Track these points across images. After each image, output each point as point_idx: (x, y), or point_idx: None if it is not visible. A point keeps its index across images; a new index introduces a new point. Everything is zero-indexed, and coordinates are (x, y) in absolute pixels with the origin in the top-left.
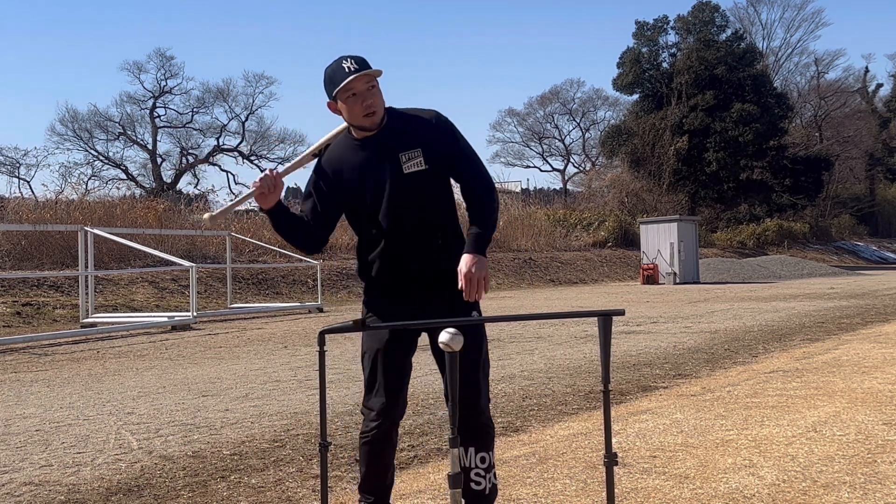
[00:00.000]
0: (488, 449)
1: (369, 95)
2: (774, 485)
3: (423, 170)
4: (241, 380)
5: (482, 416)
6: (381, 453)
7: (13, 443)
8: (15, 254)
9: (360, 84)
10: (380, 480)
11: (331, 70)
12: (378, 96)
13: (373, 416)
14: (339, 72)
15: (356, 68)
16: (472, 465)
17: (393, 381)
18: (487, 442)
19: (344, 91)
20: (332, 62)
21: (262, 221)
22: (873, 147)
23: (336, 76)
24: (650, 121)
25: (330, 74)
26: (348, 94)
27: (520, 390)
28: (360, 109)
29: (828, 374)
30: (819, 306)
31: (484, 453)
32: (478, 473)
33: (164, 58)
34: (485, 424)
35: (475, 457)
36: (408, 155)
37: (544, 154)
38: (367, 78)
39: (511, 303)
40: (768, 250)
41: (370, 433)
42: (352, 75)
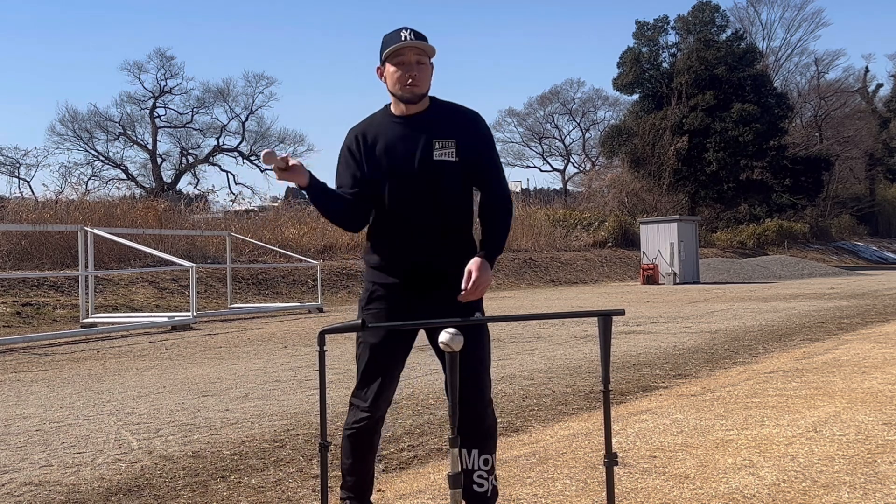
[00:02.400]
0: (491, 451)
1: (416, 68)
2: (774, 485)
3: (452, 161)
4: (241, 380)
5: (487, 419)
6: (366, 446)
7: (13, 443)
8: (15, 254)
9: (411, 54)
10: (362, 475)
11: (388, 36)
12: (424, 72)
13: (363, 408)
14: (395, 37)
15: (412, 38)
16: (476, 468)
17: (386, 377)
18: (491, 444)
19: (393, 55)
20: (394, 30)
21: (262, 221)
22: (873, 147)
23: (391, 40)
24: (650, 121)
25: (387, 39)
26: (397, 59)
27: (520, 390)
28: (404, 78)
29: (828, 374)
30: (819, 306)
31: (487, 455)
32: (480, 476)
33: (164, 58)
34: (489, 427)
35: (478, 459)
36: (441, 143)
37: (544, 154)
38: (419, 51)
39: (511, 303)
40: (768, 250)
41: (358, 425)
42: (406, 42)
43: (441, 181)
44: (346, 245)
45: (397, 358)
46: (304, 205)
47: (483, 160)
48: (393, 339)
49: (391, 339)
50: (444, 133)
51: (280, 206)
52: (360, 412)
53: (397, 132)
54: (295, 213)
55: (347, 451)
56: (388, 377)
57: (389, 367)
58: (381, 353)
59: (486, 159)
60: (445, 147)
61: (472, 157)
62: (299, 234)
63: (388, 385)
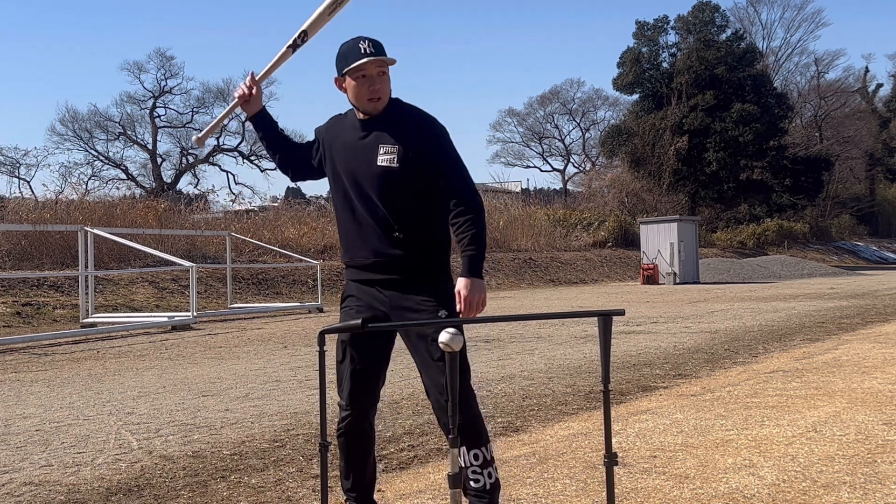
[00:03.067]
0: (480, 445)
1: (378, 81)
2: (774, 485)
3: (393, 167)
4: (241, 380)
5: (465, 414)
6: (355, 445)
7: (13, 443)
8: (15, 254)
9: (373, 68)
10: (358, 475)
11: (346, 47)
12: (386, 84)
13: (343, 406)
14: (353, 51)
15: (372, 51)
16: (468, 464)
17: (360, 373)
18: (477, 439)
19: (355, 70)
20: (350, 39)
21: (262, 221)
22: (873, 147)
23: (350, 54)
24: (650, 121)
25: (344, 51)
26: (358, 74)
27: (520, 390)
28: (366, 93)
29: (828, 374)
30: (819, 306)
31: (476, 450)
32: (474, 471)
33: (164, 58)
34: (468, 422)
35: (468, 455)
36: (385, 148)
37: (544, 154)
38: (380, 63)
39: (511, 303)
40: (768, 250)
41: (342, 424)
42: (366, 57)
43: (382, 186)
44: None
45: (371, 356)
46: (304, 205)
47: (432, 165)
48: (365, 337)
49: (362, 337)
50: (391, 139)
51: (280, 206)
52: (342, 411)
53: (353, 136)
54: (295, 213)
55: (341, 451)
56: (362, 375)
57: (363, 364)
58: (353, 351)
59: (436, 164)
60: (388, 153)
61: (418, 161)
62: (299, 234)
63: (362, 382)
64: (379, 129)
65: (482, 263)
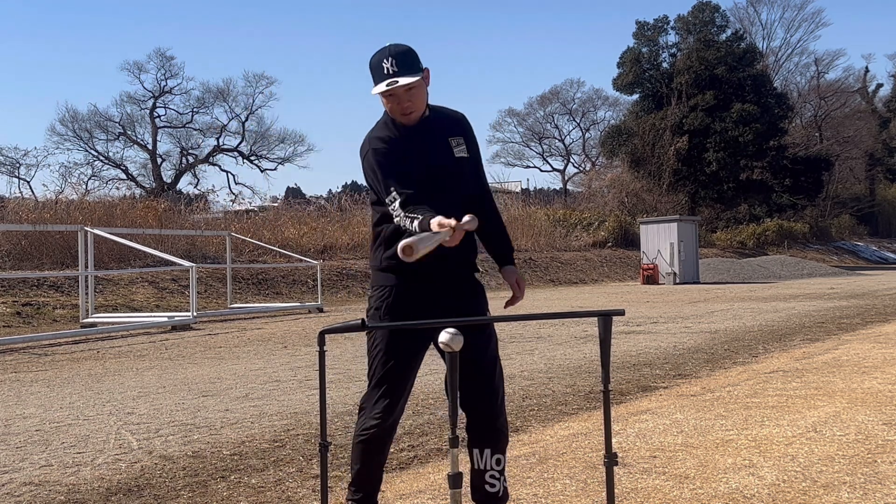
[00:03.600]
0: (503, 451)
1: (406, 98)
2: (774, 485)
3: (466, 157)
4: (241, 380)
5: (500, 418)
6: (378, 453)
7: (13, 443)
8: (15, 254)
9: (398, 88)
10: (372, 479)
11: (373, 63)
12: (417, 98)
13: (376, 414)
14: (377, 71)
15: (394, 71)
16: (488, 468)
17: (403, 385)
18: (503, 443)
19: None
20: (377, 52)
21: (262, 221)
22: (873, 147)
23: (375, 74)
24: (650, 121)
25: (372, 69)
26: (386, 93)
27: (520, 390)
28: (398, 109)
29: (828, 374)
30: (819, 306)
31: (499, 455)
32: (493, 476)
33: (164, 58)
34: (502, 425)
35: (491, 459)
36: (456, 140)
37: (544, 154)
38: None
39: None
40: (768, 250)
41: (370, 431)
42: (386, 80)
43: (464, 177)
44: (346, 245)
45: (414, 364)
46: (304, 205)
47: (479, 159)
48: (414, 344)
49: (412, 343)
50: (453, 131)
51: (280, 206)
52: (371, 419)
53: (415, 136)
54: (295, 213)
55: (357, 456)
56: (406, 384)
57: (407, 373)
58: (402, 359)
59: (479, 159)
60: (459, 144)
61: (474, 156)
62: (299, 234)
63: (404, 393)
64: (435, 128)
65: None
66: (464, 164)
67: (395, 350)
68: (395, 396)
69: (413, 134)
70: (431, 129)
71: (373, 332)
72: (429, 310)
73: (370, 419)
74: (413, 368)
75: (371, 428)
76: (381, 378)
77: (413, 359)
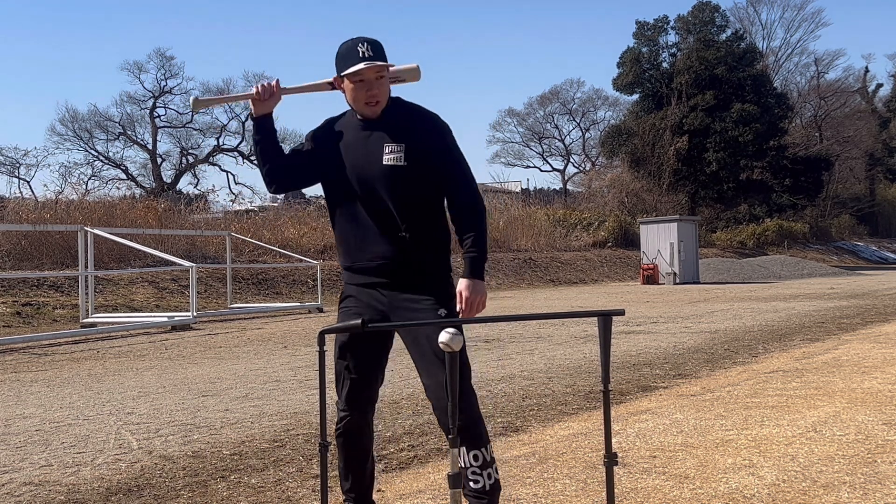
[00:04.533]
0: (479, 446)
1: (375, 85)
2: (774, 485)
3: (401, 165)
4: (241, 380)
5: (465, 415)
6: (354, 446)
7: (13, 443)
8: (15, 254)
9: (370, 73)
10: (357, 476)
11: (345, 48)
12: (384, 87)
13: (341, 407)
14: (351, 53)
15: (370, 55)
16: (468, 465)
17: (358, 376)
18: (476, 440)
19: (352, 75)
20: (349, 40)
21: (262, 221)
22: (873, 147)
23: (348, 57)
24: (650, 121)
25: (343, 52)
26: (356, 78)
27: (520, 390)
28: (363, 97)
29: (828, 374)
30: (819, 306)
31: (476, 451)
32: (474, 472)
33: (164, 58)
34: (469, 423)
35: (468, 456)
36: (391, 147)
37: (544, 154)
38: (378, 68)
39: (511, 303)
40: (768, 250)
41: (340, 424)
42: (363, 62)
43: (389, 184)
44: None
45: (369, 357)
46: (304, 205)
47: (438, 163)
48: (363, 338)
49: (361, 338)
50: (396, 137)
51: (280, 206)
52: (340, 412)
53: (354, 136)
54: (295, 213)
55: (339, 452)
56: (361, 376)
57: (360, 366)
58: (351, 352)
59: (441, 161)
60: (394, 151)
61: (425, 159)
62: (299, 234)
63: (360, 384)
64: (381, 129)
65: (484, 265)
66: (393, 172)
67: (345, 345)
68: (353, 393)
69: (354, 130)
70: (374, 129)
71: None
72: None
73: (339, 411)
74: (368, 363)
75: (340, 423)
76: (336, 373)
77: (366, 354)
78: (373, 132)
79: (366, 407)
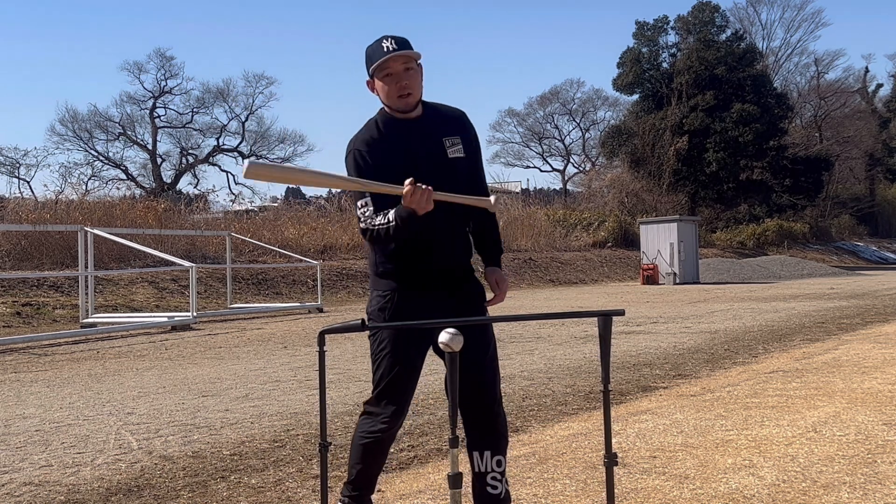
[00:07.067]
0: (503, 452)
1: (405, 77)
2: (774, 485)
3: (462, 157)
4: (241, 380)
5: (500, 418)
6: (381, 455)
7: (13, 443)
8: (15, 254)
9: (397, 64)
10: (371, 479)
11: (371, 48)
12: (415, 78)
13: (384, 419)
14: (378, 50)
15: (395, 48)
16: (489, 469)
17: (408, 388)
18: (503, 445)
19: (380, 70)
20: (375, 41)
21: (262, 221)
22: (873, 147)
23: (375, 54)
24: (650, 121)
25: (370, 52)
26: (385, 73)
27: (520, 390)
28: (395, 90)
29: (828, 374)
30: (819, 306)
31: (500, 457)
32: (494, 478)
33: (164, 58)
34: (502, 427)
35: (492, 460)
36: (451, 140)
37: (544, 154)
38: (405, 59)
39: (511, 303)
40: (768, 250)
41: (376, 435)
42: (389, 54)
43: (457, 179)
44: (345, 245)
45: (418, 368)
46: (304, 205)
47: (478, 158)
48: (417, 348)
49: (415, 348)
50: (449, 131)
51: (280, 206)
52: (379, 423)
53: (406, 135)
54: (295, 213)
55: (359, 456)
56: (411, 389)
57: (412, 378)
58: (407, 364)
59: (479, 157)
60: (454, 144)
61: (473, 154)
62: (299, 235)
63: (409, 397)
64: (431, 125)
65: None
66: (458, 165)
67: (400, 355)
68: (402, 401)
69: (404, 132)
70: (425, 127)
71: (377, 336)
72: (430, 314)
73: (378, 423)
74: (417, 372)
75: (378, 433)
76: (388, 383)
77: (417, 363)
78: (422, 129)
79: (404, 419)
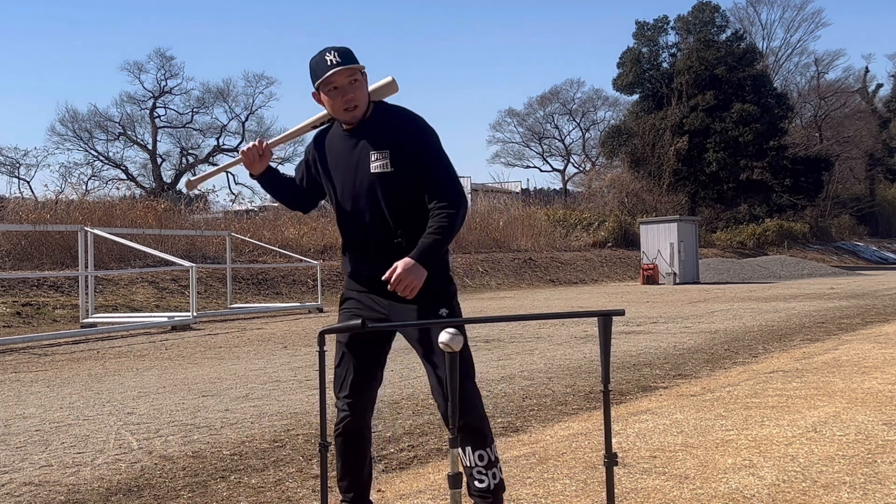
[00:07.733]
0: (485, 446)
1: (350, 90)
2: (774, 485)
3: (388, 172)
4: (241, 380)
5: (468, 416)
6: (352, 447)
7: (13, 443)
8: (15, 254)
9: (342, 78)
10: (354, 477)
11: (314, 61)
12: (360, 90)
13: (340, 407)
14: (321, 64)
15: (338, 62)
16: (473, 464)
17: (358, 377)
18: (482, 440)
19: (325, 84)
20: (317, 53)
21: (262, 221)
22: (873, 147)
23: (318, 68)
24: (650, 121)
25: (313, 66)
26: (329, 87)
27: (520, 390)
28: (340, 103)
29: (828, 374)
30: (819, 306)
31: (481, 451)
32: (479, 472)
33: (164, 58)
34: (472, 423)
35: (473, 456)
36: (377, 155)
37: (544, 154)
38: (349, 72)
39: (511, 303)
40: (768, 250)
41: (339, 425)
42: (333, 69)
43: (379, 192)
44: None
45: (369, 359)
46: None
47: (420, 165)
48: (363, 340)
49: (361, 339)
50: (380, 144)
51: (280, 206)
52: (340, 412)
53: (342, 147)
54: (295, 214)
55: (337, 452)
56: (360, 377)
57: (360, 366)
58: (351, 353)
59: (424, 164)
60: (380, 158)
61: (410, 162)
62: (299, 235)
63: (360, 384)
64: (366, 137)
65: (436, 255)
66: (381, 179)
67: (352, 348)
68: (356, 393)
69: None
70: (359, 139)
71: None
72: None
73: (339, 412)
74: (370, 365)
75: (340, 423)
76: (336, 373)
77: (366, 355)
78: (358, 141)
79: (365, 408)
